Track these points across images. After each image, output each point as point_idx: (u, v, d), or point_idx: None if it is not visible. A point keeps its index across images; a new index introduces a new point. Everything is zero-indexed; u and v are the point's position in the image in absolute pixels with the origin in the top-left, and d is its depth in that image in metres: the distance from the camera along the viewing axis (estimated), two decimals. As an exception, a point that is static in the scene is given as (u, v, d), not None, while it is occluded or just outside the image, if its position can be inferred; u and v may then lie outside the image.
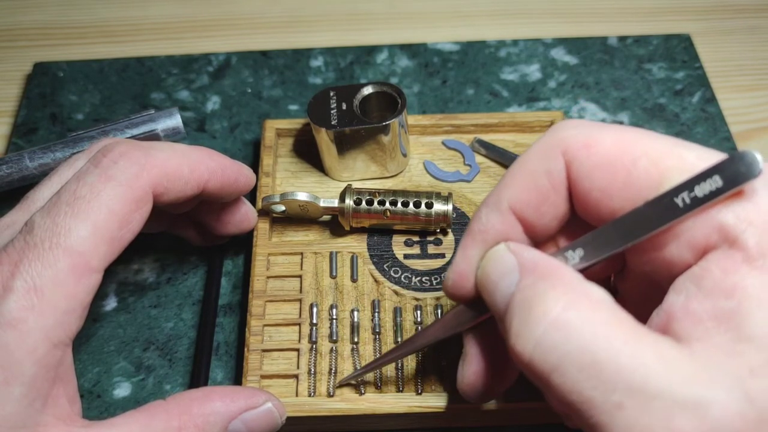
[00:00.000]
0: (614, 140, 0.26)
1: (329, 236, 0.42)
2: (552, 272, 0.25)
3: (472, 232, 0.29)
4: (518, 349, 0.24)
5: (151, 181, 0.30)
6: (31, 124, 0.50)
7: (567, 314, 0.23)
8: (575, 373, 0.22)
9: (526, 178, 0.27)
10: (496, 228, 0.28)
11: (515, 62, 0.53)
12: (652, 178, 0.25)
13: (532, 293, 0.25)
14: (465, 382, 0.30)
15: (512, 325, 0.24)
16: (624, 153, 0.25)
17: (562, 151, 0.27)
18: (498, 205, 0.28)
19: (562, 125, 0.27)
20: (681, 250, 0.24)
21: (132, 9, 0.59)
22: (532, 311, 0.24)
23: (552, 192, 0.27)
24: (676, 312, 0.24)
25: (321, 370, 0.37)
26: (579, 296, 0.24)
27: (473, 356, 0.30)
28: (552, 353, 0.23)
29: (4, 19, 0.58)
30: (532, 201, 0.27)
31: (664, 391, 0.21)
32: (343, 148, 0.42)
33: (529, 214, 0.28)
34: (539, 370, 0.23)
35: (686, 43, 0.54)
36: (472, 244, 0.29)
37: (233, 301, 0.42)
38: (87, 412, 0.38)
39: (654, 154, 0.25)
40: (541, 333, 0.23)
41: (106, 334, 0.41)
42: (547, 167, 0.27)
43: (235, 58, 0.54)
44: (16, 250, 0.27)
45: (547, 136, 0.27)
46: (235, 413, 0.30)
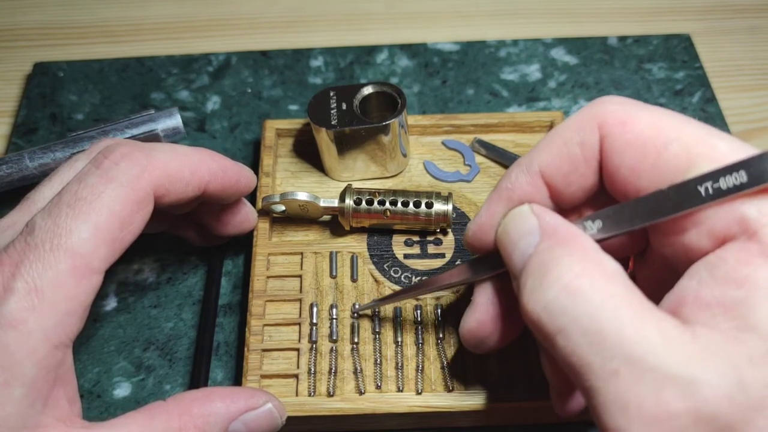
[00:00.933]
0: (650, 121, 0.26)
1: (329, 236, 0.42)
2: (571, 239, 0.26)
3: (500, 189, 0.30)
4: (529, 307, 0.25)
5: (152, 182, 0.30)
6: (31, 124, 0.50)
7: (579, 281, 0.24)
8: (579, 337, 0.23)
9: (560, 146, 0.28)
10: (523, 188, 0.29)
11: (515, 62, 0.54)
12: (681, 162, 0.25)
13: (549, 257, 0.25)
14: (466, 328, 0.32)
15: (526, 284, 0.25)
16: (658, 135, 0.26)
17: (599, 125, 0.27)
18: (529, 167, 0.29)
19: (603, 99, 0.28)
20: (700, 237, 0.25)
21: (132, 9, 0.59)
22: (547, 274, 0.25)
23: (583, 163, 0.28)
24: (687, 296, 0.24)
25: (321, 370, 0.37)
26: (593, 266, 0.25)
27: (479, 305, 0.31)
28: (560, 316, 0.24)
29: (4, 19, 0.58)
30: (562, 168, 0.28)
31: (660, 365, 0.22)
32: (343, 148, 0.42)
33: (558, 180, 0.29)
34: (546, 330, 0.24)
35: (686, 43, 0.54)
36: (498, 200, 0.30)
37: (233, 301, 0.42)
38: (87, 412, 0.38)
39: (687, 140, 0.25)
40: (552, 296, 0.24)
41: (106, 334, 0.41)
42: (581, 138, 0.28)
43: (235, 58, 0.54)
44: (17, 251, 0.27)
45: (587, 108, 0.28)
46: (235, 414, 0.30)
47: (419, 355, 0.37)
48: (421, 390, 0.36)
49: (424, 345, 0.38)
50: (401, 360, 0.37)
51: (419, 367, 0.37)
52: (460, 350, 0.37)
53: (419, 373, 0.37)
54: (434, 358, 0.37)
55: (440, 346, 0.37)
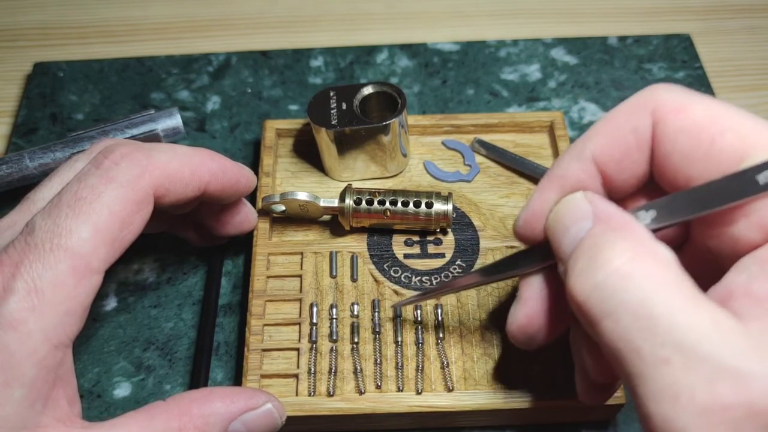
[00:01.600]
0: (705, 109, 0.26)
1: (329, 236, 0.42)
2: (624, 225, 0.25)
3: (552, 176, 0.29)
4: (577, 288, 0.24)
5: (152, 182, 0.30)
6: (31, 124, 0.50)
7: (632, 265, 0.23)
8: (629, 321, 0.23)
9: (613, 132, 0.28)
10: (576, 175, 0.28)
11: (515, 62, 0.54)
12: (735, 152, 0.25)
13: (601, 240, 0.25)
14: (516, 324, 0.31)
15: (576, 266, 0.25)
16: (712, 123, 0.26)
17: (651, 111, 0.27)
18: (581, 154, 0.28)
19: (656, 86, 0.27)
20: (750, 229, 0.25)
21: (132, 9, 0.59)
22: (598, 256, 0.24)
23: (636, 149, 0.27)
24: (736, 290, 0.24)
25: (321, 370, 0.37)
26: (646, 251, 0.24)
27: (527, 300, 0.30)
28: (610, 299, 0.23)
29: (4, 19, 0.58)
30: (615, 155, 0.28)
31: (714, 356, 0.21)
32: (343, 148, 0.42)
33: (611, 167, 0.28)
34: (593, 312, 0.24)
35: (686, 43, 0.54)
36: (550, 187, 0.29)
37: (233, 301, 0.42)
38: (87, 412, 0.38)
39: (742, 130, 0.25)
40: (602, 277, 0.24)
41: (106, 334, 0.41)
42: (634, 124, 0.27)
43: (235, 58, 0.54)
44: (16, 251, 0.27)
45: (640, 94, 0.27)
46: (235, 414, 0.30)
47: (419, 355, 0.37)
48: (421, 390, 0.36)
49: (424, 345, 0.38)
50: (401, 360, 0.37)
51: (419, 367, 0.37)
52: (460, 350, 0.37)
53: (419, 373, 0.37)
54: (434, 358, 0.37)
55: (440, 346, 0.37)
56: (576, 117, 0.50)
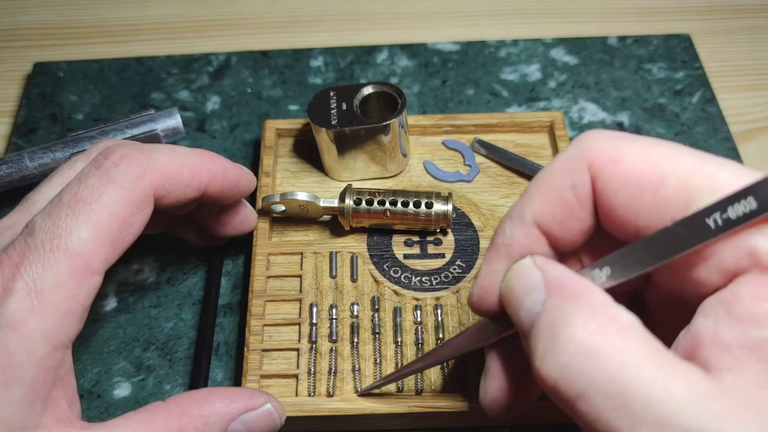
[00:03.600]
0: (642, 156, 0.25)
1: (329, 236, 0.42)
2: (579, 293, 0.24)
3: (496, 246, 0.28)
4: (543, 373, 0.23)
5: (152, 183, 0.30)
6: (31, 124, 0.50)
7: (594, 339, 0.22)
8: (602, 401, 0.22)
9: (551, 192, 0.27)
10: (520, 241, 0.27)
11: (515, 62, 0.54)
12: (680, 197, 0.24)
13: (558, 315, 0.24)
14: (488, 398, 0.29)
15: (537, 348, 0.24)
16: (652, 170, 0.24)
17: (588, 165, 0.26)
18: (522, 218, 0.27)
19: (588, 136, 0.26)
20: (709, 272, 0.24)
21: (132, 9, 0.59)
22: (559, 335, 0.23)
23: (577, 206, 0.26)
24: (704, 338, 0.23)
25: (321, 370, 0.37)
26: (607, 320, 0.23)
27: (496, 371, 0.29)
28: (578, 380, 0.22)
29: (4, 19, 0.58)
30: (557, 215, 0.27)
31: (694, 426, 0.21)
32: (343, 148, 0.42)
33: (554, 228, 0.27)
34: (565, 395, 0.23)
35: (686, 43, 0.54)
36: (497, 258, 0.28)
37: (233, 301, 0.42)
38: (87, 412, 0.38)
39: (683, 173, 0.24)
40: (567, 359, 0.23)
41: (106, 334, 0.41)
42: (572, 181, 0.26)
43: (235, 58, 0.54)
44: (16, 251, 0.27)
45: (573, 148, 0.26)
46: (234, 414, 0.30)
47: (419, 355, 0.37)
48: (420, 390, 0.36)
49: (424, 345, 0.38)
50: (401, 360, 0.37)
51: (419, 367, 0.37)
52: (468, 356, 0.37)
53: (419, 373, 0.37)
54: (434, 359, 0.37)
55: (440, 346, 0.38)
56: (576, 117, 0.50)
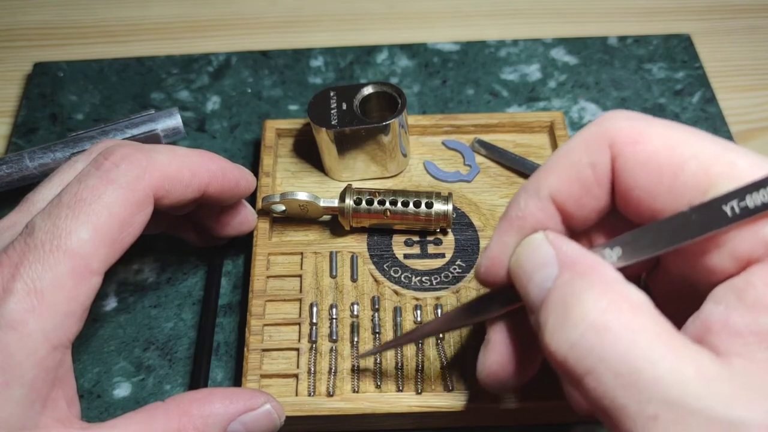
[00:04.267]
0: (664, 139, 0.25)
1: (329, 236, 0.42)
2: (592, 270, 0.24)
3: (509, 218, 0.28)
4: (553, 347, 0.23)
5: (152, 184, 0.30)
6: (31, 124, 0.50)
7: (606, 317, 0.22)
8: (611, 379, 0.22)
9: (570, 168, 0.26)
10: (534, 215, 0.27)
11: (515, 62, 0.54)
12: (699, 182, 0.24)
13: (570, 291, 0.24)
14: (486, 372, 0.29)
15: (548, 323, 0.24)
16: (673, 154, 0.24)
17: (609, 144, 0.26)
18: (538, 192, 0.27)
19: (611, 115, 0.26)
20: (723, 259, 0.24)
21: (132, 9, 0.59)
22: (571, 311, 0.23)
23: (595, 185, 0.26)
24: (714, 323, 0.23)
25: (321, 370, 0.37)
26: (619, 299, 0.23)
27: (496, 344, 0.29)
28: (588, 356, 0.22)
29: (4, 19, 0.58)
30: (574, 192, 0.26)
31: (703, 408, 0.20)
32: (343, 148, 0.42)
33: (570, 204, 0.27)
34: (573, 371, 0.23)
35: (686, 43, 0.54)
36: (509, 230, 0.28)
37: (233, 301, 0.42)
38: (87, 412, 0.38)
39: (704, 158, 0.24)
40: (578, 335, 0.22)
41: (106, 334, 0.41)
42: (592, 159, 0.26)
43: (235, 58, 0.54)
44: (16, 252, 0.27)
45: (595, 125, 0.26)
46: (234, 415, 0.30)
47: (419, 355, 0.37)
48: (420, 390, 0.36)
49: (424, 345, 0.38)
50: (401, 360, 0.37)
51: (419, 367, 0.37)
52: (460, 350, 0.37)
53: (419, 373, 0.37)
54: (434, 358, 0.37)
55: (440, 346, 0.37)
56: (576, 117, 0.50)
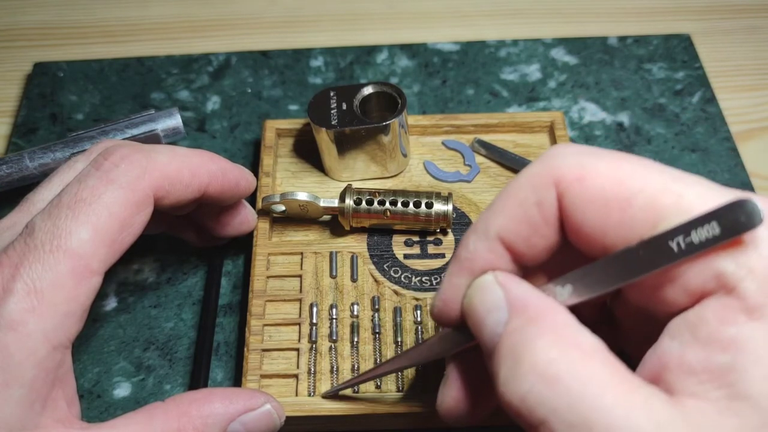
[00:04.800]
0: (610, 173, 0.24)
1: (329, 236, 0.42)
2: (542, 315, 0.24)
3: (459, 260, 0.27)
4: (506, 398, 0.23)
5: (152, 184, 0.30)
6: (31, 124, 0.50)
7: (556, 368, 0.22)
8: (564, 429, 0.22)
9: (516, 208, 0.26)
10: (483, 256, 0.27)
11: (515, 62, 0.54)
12: (648, 216, 0.23)
13: (520, 339, 0.24)
14: (444, 407, 0.29)
15: (500, 372, 0.24)
16: (619, 189, 0.24)
17: (555, 182, 0.25)
18: (486, 233, 0.27)
19: (557, 152, 0.26)
20: (676, 293, 0.23)
21: (132, 9, 0.59)
22: (521, 361, 0.23)
23: (542, 224, 0.26)
24: (670, 361, 0.23)
25: (321, 370, 0.37)
26: (569, 346, 0.23)
27: (454, 380, 0.29)
28: (540, 407, 0.22)
29: (4, 19, 0.58)
30: (522, 232, 0.26)
31: None
32: (343, 148, 0.42)
33: (519, 244, 0.26)
34: (528, 421, 0.23)
35: (686, 43, 0.54)
36: (459, 272, 0.27)
37: (233, 301, 0.42)
38: (87, 412, 0.38)
39: (651, 191, 0.24)
40: (528, 386, 0.22)
41: (106, 334, 0.41)
42: (538, 198, 0.26)
43: (235, 58, 0.54)
44: (16, 252, 0.27)
45: (540, 164, 0.26)
46: (233, 415, 0.30)
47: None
48: (420, 390, 0.36)
49: (424, 345, 0.38)
50: (401, 360, 0.37)
51: (419, 368, 0.37)
52: (460, 350, 0.37)
53: (419, 373, 0.37)
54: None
55: (440, 347, 0.38)
56: (576, 117, 0.50)
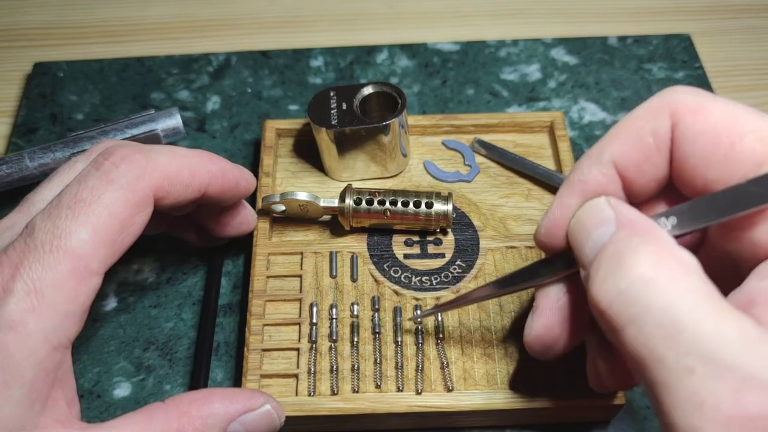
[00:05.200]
0: (724, 112, 0.26)
1: (329, 236, 0.42)
2: (648, 231, 0.25)
3: (572, 182, 0.29)
4: (600, 295, 0.24)
5: (152, 184, 0.30)
6: (31, 124, 0.50)
7: (656, 271, 0.23)
8: (653, 328, 0.22)
9: (632, 135, 0.27)
10: (596, 179, 0.28)
11: (515, 62, 0.54)
12: (755, 155, 0.24)
13: (624, 245, 0.25)
14: (533, 334, 0.30)
15: (599, 272, 0.25)
16: (731, 126, 0.25)
17: (671, 113, 0.26)
18: (600, 158, 0.28)
19: (676, 88, 0.27)
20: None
21: (132, 9, 0.59)
22: (622, 262, 0.24)
23: (655, 152, 0.27)
24: (758, 297, 0.23)
25: (321, 370, 0.37)
26: (671, 258, 0.24)
27: (544, 309, 0.30)
28: (633, 305, 0.23)
29: (4, 19, 0.58)
30: (635, 158, 0.27)
31: (741, 365, 0.21)
32: (343, 148, 0.42)
33: (630, 171, 0.28)
34: (615, 319, 0.23)
35: (686, 43, 0.54)
36: (570, 194, 0.29)
37: (233, 301, 0.42)
38: (87, 412, 0.38)
39: (762, 134, 0.25)
40: (626, 284, 0.23)
41: (106, 334, 0.41)
42: (653, 126, 0.27)
43: (235, 58, 0.54)
44: (16, 252, 0.27)
45: (658, 96, 0.27)
46: (233, 415, 0.30)
47: (419, 355, 0.37)
48: (420, 390, 0.36)
49: (424, 345, 0.38)
50: (401, 360, 0.37)
51: (419, 367, 0.37)
52: (460, 350, 0.37)
53: (419, 373, 0.37)
54: (434, 358, 0.37)
55: (440, 346, 0.37)
56: (576, 117, 0.50)
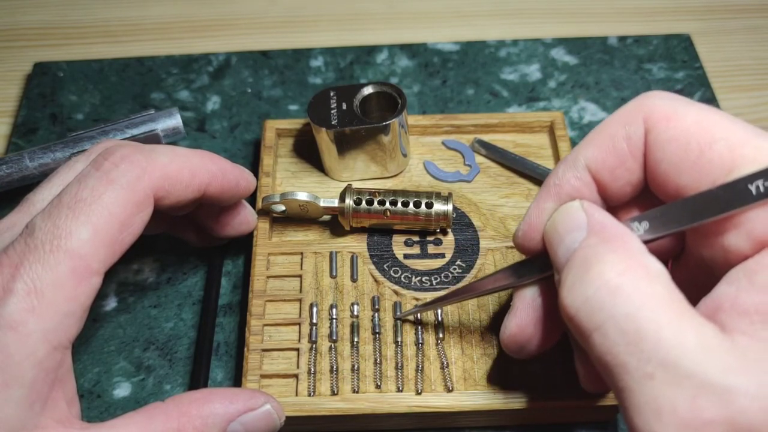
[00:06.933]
0: (696, 118, 0.26)
1: (329, 236, 0.42)
2: (617, 237, 0.26)
3: (547, 186, 0.30)
4: (568, 302, 0.25)
5: (152, 184, 0.30)
6: (31, 124, 0.50)
7: (621, 279, 0.24)
8: (616, 336, 0.23)
9: (606, 140, 0.28)
10: (571, 184, 0.29)
11: (515, 62, 0.54)
12: (724, 162, 0.25)
13: (592, 252, 0.25)
14: (507, 333, 0.31)
15: (567, 278, 0.25)
16: (703, 132, 0.26)
17: (644, 118, 0.27)
18: (575, 163, 0.29)
19: (650, 94, 0.28)
20: (739, 240, 0.25)
21: (132, 9, 0.59)
22: (589, 270, 0.25)
23: (629, 157, 0.28)
24: (724, 303, 0.24)
25: (321, 370, 0.37)
26: (637, 265, 0.24)
27: (519, 310, 0.31)
28: (598, 313, 0.24)
29: (4, 19, 0.58)
30: (609, 162, 0.28)
31: (697, 372, 0.22)
32: (343, 148, 0.42)
33: (605, 175, 0.28)
34: (583, 325, 0.24)
35: (686, 43, 0.54)
36: (546, 197, 0.30)
37: (233, 301, 0.42)
38: (87, 412, 0.38)
39: (733, 140, 0.25)
40: (592, 291, 0.24)
41: (106, 334, 0.41)
42: (627, 132, 0.28)
43: (235, 58, 0.54)
44: (16, 252, 0.27)
45: (633, 102, 0.28)
46: (233, 415, 0.30)
47: (419, 355, 0.37)
48: (420, 390, 0.36)
49: (424, 345, 0.38)
50: (401, 360, 0.37)
51: (419, 367, 0.37)
52: (460, 350, 0.37)
53: (419, 373, 0.37)
54: (434, 358, 0.37)
55: (440, 346, 0.38)
56: (576, 117, 0.50)
